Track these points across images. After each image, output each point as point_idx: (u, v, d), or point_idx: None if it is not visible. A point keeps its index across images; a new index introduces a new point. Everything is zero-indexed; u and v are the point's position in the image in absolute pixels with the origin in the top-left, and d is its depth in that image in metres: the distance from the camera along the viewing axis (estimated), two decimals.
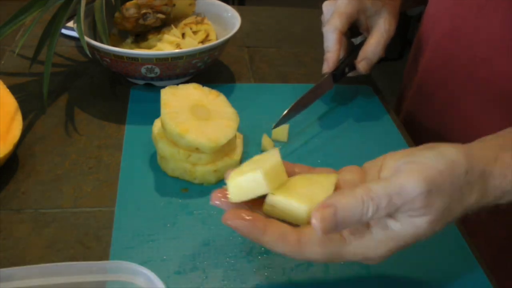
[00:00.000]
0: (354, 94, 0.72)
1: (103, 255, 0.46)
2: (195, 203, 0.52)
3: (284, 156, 0.58)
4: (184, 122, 0.52)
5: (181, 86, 0.56)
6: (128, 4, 0.67)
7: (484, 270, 0.47)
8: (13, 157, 0.56)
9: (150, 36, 0.72)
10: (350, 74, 0.67)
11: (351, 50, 0.66)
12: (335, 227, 0.36)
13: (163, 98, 0.53)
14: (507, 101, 0.61)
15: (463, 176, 0.38)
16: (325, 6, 0.66)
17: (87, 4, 0.66)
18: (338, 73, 0.65)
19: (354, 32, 0.67)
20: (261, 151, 0.59)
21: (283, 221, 0.39)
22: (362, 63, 0.64)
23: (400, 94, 0.84)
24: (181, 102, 0.54)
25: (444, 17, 0.68)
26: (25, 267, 0.38)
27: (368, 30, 0.65)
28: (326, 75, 0.63)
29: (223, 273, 0.45)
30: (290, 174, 0.43)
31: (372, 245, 0.38)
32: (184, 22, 0.73)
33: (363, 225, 0.39)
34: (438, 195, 0.37)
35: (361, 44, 0.66)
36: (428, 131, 0.72)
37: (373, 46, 0.64)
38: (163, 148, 0.53)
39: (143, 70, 0.64)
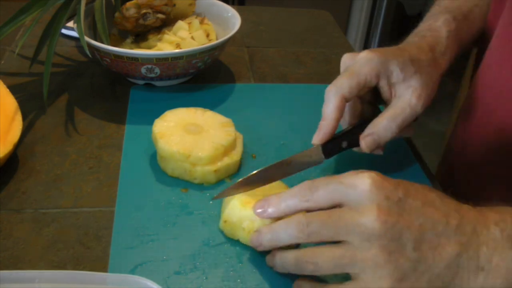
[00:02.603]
0: None
1: (103, 255, 0.46)
2: (195, 203, 0.52)
3: (283, 153, 0.58)
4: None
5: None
6: (128, 4, 0.67)
7: None
8: (13, 157, 0.56)
9: (150, 36, 0.72)
10: (354, 149, 0.54)
11: (362, 122, 0.53)
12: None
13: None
14: None
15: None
16: (344, 59, 0.54)
17: (87, 4, 0.66)
18: (331, 147, 0.52)
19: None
20: None
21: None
22: (367, 139, 0.51)
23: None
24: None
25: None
26: (22, 271, 0.38)
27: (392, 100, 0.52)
28: (314, 147, 0.51)
29: (223, 273, 0.45)
30: None
31: None
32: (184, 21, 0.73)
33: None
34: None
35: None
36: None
37: (387, 120, 0.50)
38: (163, 148, 0.53)
39: (143, 70, 0.64)
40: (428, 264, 0.38)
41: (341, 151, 0.53)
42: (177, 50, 0.65)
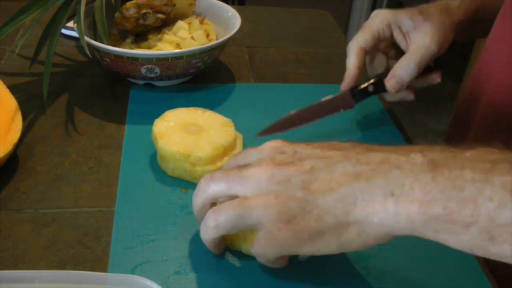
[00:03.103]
0: None
1: (103, 255, 0.46)
2: None
3: None
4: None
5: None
6: (128, 4, 0.67)
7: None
8: (13, 157, 0.56)
9: (150, 36, 0.72)
10: (388, 98, 0.61)
11: (386, 70, 0.59)
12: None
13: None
14: None
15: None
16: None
17: (87, 4, 0.66)
18: (358, 92, 0.59)
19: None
20: None
21: None
22: (391, 81, 0.57)
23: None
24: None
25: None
26: (22, 271, 0.38)
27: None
28: (344, 91, 0.59)
29: (223, 273, 0.45)
30: None
31: None
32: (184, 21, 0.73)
33: None
34: None
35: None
36: None
37: (405, 61, 0.56)
38: (163, 148, 0.53)
39: (143, 70, 0.64)
40: (315, 201, 0.36)
41: (369, 96, 0.59)
42: (177, 50, 0.65)
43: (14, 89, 0.62)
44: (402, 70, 0.56)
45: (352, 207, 0.36)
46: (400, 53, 0.59)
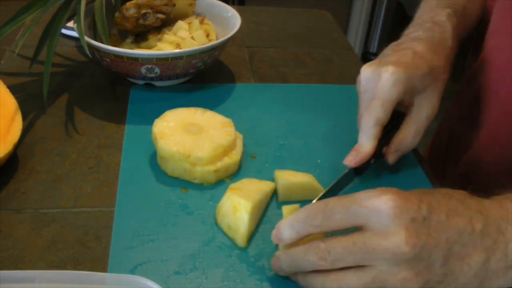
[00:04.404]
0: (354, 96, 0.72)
1: (103, 255, 0.46)
2: (195, 203, 0.52)
3: (282, 153, 0.59)
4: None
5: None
6: (128, 4, 0.67)
7: None
8: (13, 157, 0.56)
9: (150, 36, 0.72)
10: (372, 163, 0.55)
11: (383, 137, 0.54)
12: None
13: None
14: None
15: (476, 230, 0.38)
16: (365, 75, 0.53)
17: (87, 4, 0.66)
18: (362, 168, 0.54)
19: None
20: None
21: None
22: (394, 156, 0.54)
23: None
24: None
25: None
26: (22, 271, 0.38)
27: (408, 107, 0.54)
28: (347, 170, 0.53)
29: (223, 273, 0.45)
30: None
31: None
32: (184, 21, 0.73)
33: None
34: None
35: (395, 126, 0.55)
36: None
37: (411, 137, 0.53)
38: (163, 148, 0.53)
39: (143, 70, 0.64)
40: (455, 275, 0.38)
41: (370, 167, 0.55)
42: (177, 50, 0.65)
43: (14, 89, 0.62)
44: (406, 145, 0.54)
45: (482, 280, 0.38)
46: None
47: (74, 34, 0.80)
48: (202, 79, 0.72)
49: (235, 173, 0.56)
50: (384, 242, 0.37)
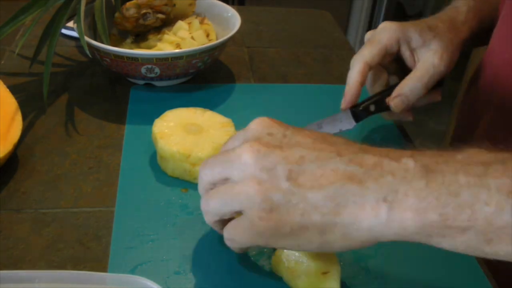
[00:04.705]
0: None
1: (103, 255, 0.46)
2: (195, 203, 0.51)
3: None
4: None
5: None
6: (128, 4, 0.67)
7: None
8: (13, 157, 0.56)
9: (150, 36, 0.72)
10: (386, 117, 0.58)
11: (388, 88, 0.56)
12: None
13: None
14: None
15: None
16: (367, 34, 0.57)
17: (87, 4, 0.66)
18: (359, 111, 0.55)
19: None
20: None
21: None
22: (396, 100, 0.54)
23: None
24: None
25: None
26: (22, 271, 0.38)
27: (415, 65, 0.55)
28: (344, 111, 0.55)
29: (223, 273, 0.45)
30: None
31: None
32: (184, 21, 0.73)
33: None
34: None
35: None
36: None
37: (413, 81, 0.53)
38: (163, 148, 0.53)
39: (143, 70, 0.64)
40: (303, 194, 0.35)
41: (370, 115, 0.56)
42: (177, 50, 0.65)
43: (14, 89, 0.62)
44: (409, 90, 0.53)
45: (342, 208, 0.34)
46: (401, 68, 0.57)
47: (74, 34, 0.80)
48: (202, 79, 0.72)
49: None
50: (237, 149, 0.37)
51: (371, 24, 2.38)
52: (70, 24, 0.77)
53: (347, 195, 0.34)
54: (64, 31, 0.82)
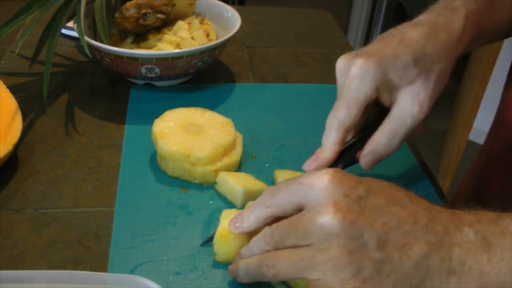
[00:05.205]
0: None
1: (103, 255, 0.46)
2: (195, 203, 0.52)
3: (282, 153, 0.58)
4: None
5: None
6: (128, 4, 0.67)
7: None
8: (13, 157, 0.56)
9: (150, 36, 0.72)
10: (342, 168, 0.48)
11: (359, 138, 0.48)
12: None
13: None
14: None
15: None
16: (339, 67, 0.46)
17: (87, 4, 0.66)
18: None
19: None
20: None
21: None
22: (367, 158, 0.47)
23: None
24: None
25: None
26: (22, 271, 0.38)
27: (392, 106, 0.46)
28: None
29: (223, 273, 0.44)
30: None
31: None
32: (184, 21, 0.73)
33: None
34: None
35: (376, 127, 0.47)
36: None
37: (387, 137, 0.45)
38: (163, 148, 0.53)
39: (143, 70, 0.64)
40: (394, 264, 0.35)
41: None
42: (177, 50, 0.65)
43: (14, 89, 0.62)
44: (382, 147, 0.46)
45: (424, 277, 0.35)
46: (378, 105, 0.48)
47: (74, 34, 0.80)
48: (202, 79, 0.72)
49: None
50: (315, 217, 0.36)
51: (371, 24, 2.38)
52: (70, 24, 0.77)
53: (429, 265, 0.35)
54: (64, 31, 0.82)
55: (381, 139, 0.46)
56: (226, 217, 0.44)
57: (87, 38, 0.62)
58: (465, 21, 0.48)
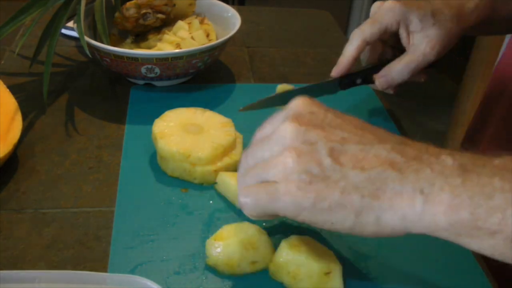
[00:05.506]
0: (355, 94, 0.72)
1: (103, 255, 0.46)
2: (195, 203, 0.52)
3: None
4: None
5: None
6: (128, 4, 0.67)
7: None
8: (13, 157, 0.56)
9: (150, 36, 0.72)
10: (371, 85, 0.61)
11: (378, 64, 0.60)
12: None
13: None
14: None
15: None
16: (373, 6, 0.58)
17: (87, 4, 0.66)
18: (346, 81, 0.60)
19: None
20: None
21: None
22: (381, 80, 0.58)
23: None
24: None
25: None
26: (22, 271, 0.38)
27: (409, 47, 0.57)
28: (332, 79, 0.59)
29: (224, 275, 0.44)
30: None
31: None
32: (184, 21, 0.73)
33: None
34: None
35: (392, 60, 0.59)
36: None
37: (401, 65, 0.57)
38: (163, 148, 0.53)
39: (143, 70, 0.64)
40: (344, 173, 0.35)
41: (356, 86, 0.60)
42: (177, 50, 0.65)
43: (14, 89, 0.62)
44: (395, 72, 0.57)
45: (381, 192, 0.35)
46: (397, 42, 0.59)
47: (74, 34, 0.80)
48: (202, 79, 0.72)
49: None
50: (278, 127, 0.38)
51: None
52: (70, 24, 0.77)
53: (387, 181, 0.35)
54: (64, 31, 0.82)
55: (396, 65, 0.57)
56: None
57: (87, 38, 0.62)
58: (478, 1, 0.57)
